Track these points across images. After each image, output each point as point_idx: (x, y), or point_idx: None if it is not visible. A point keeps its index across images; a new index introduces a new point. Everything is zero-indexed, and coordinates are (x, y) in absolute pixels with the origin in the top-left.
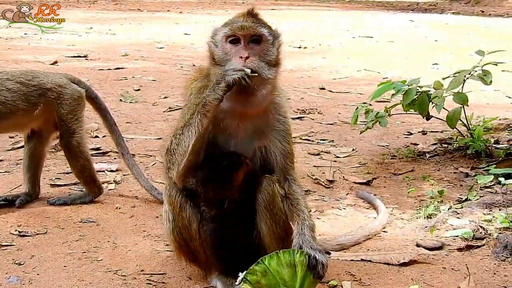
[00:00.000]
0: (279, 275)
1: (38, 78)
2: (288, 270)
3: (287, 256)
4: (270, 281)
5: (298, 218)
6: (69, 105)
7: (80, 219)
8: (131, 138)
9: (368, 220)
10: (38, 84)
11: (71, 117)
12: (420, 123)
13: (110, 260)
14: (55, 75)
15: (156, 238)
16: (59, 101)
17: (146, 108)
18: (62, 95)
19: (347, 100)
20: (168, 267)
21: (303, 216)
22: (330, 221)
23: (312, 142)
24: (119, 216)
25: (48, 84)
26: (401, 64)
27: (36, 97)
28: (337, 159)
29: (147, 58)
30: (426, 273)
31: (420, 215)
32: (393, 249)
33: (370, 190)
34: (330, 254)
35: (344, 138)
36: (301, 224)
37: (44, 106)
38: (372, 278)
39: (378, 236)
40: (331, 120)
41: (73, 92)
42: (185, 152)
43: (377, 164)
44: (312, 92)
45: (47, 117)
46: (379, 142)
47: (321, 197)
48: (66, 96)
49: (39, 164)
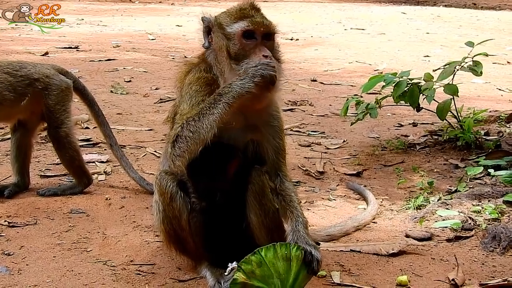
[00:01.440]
0: (274, 267)
1: (25, 68)
2: (283, 263)
3: (283, 250)
4: (264, 272)
5: (291, 215)
6: (57, 96)
7: (69, 210)
8: (122, 129)
9: (358, 211)
10: (25, 74)
11: (58, 107)
12: (410, 115)
13: (99, 250)
14: (43, 65)
15: (146, 228)
16: (46, 91)
17: (137, 100)
18: (50, 86)
19: (338, 92)
20: (157, 258)
21: (296, 213)
22: (320, 212)
23: (303, 134)
24: (109, 207)
25: (36, 75)
26: (392, 56)
27: (23, 87)
28: (328, 151)
29: (139, 50)
30: (415, 264)
31: (409, 206)
32: (382, 239)
33: (360, 181)
34: (319, 244)
35: (335, 129)
36: (295, 222)
37: (31, 96)
38: (361, 268)
39: (367, 227)
40: (322, 112)
41: (61, 83)
42: (201, 140)
43: (367, 155)
44: (303, 84)
45: (34, 108)
46: (370, 134)
47: (311, 188)
48: (54, 87)
49: (26, 155)
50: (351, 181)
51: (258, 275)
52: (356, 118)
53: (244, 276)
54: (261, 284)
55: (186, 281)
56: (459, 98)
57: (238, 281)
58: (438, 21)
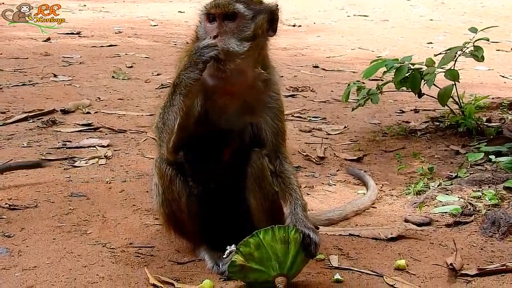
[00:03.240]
0: (272, 250)
1: None
2: (281, 246)
3: (282, 232)
4: (262, 254)
5: (290, 198)
6: None
7: (70, 193)
8: (122, 114)
9: (357, 196)
10: None
11: None
12: (412, 101)
13: (99, 233)
14: None
15: (146, 212)
16: None
17: (139, 85)
18: None
19: (340, 78)
20: (156, 241)
21: (295, 195)
22: (320, 197)
23: (304, 120)
24: (109, 190)
25: None
26: (395, 43)
27: None
28: (329, 136)
29: (141, 36)
30: (413, 248)
31: (409, 191)
32: (381, 224)
33: (360, 167)
34: (318, 229)
35: (336, 115)
36: (293, 204)
37: None
38: (360, 252)
39: (367, 212)
40: (324, 98)
41: None
42: (171, 131)
43: (368, 141)
44: (305, 70)
45: None
46: (371, 120)
47: (312, 173)
48: None
49: None
50: (351, 167)
51: (256, 258)
52: (357, 104)
53: (242, 259)
54: (259, 266)
55: (184, 263)
56: (462, 84)
57: (236, 263)
58: (442, 8)
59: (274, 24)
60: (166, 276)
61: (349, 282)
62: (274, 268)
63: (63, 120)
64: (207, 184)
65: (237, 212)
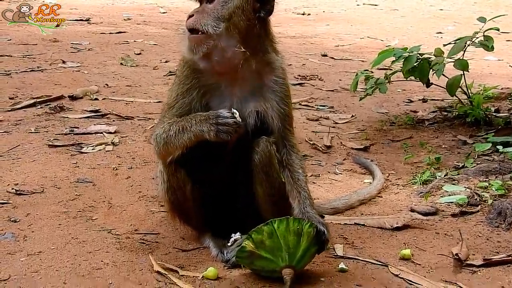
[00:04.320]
0: (284, 240)
1: None
2: (294, 237)
3: (296, 224)
4: (274, 243)
5: (299, 196)
6: None
7: (76, 179)
8: (130, 101)
9: (363, 185)
10: None
11: None
12: (420, 91)
13: (104, 219)
14: None
15: (151, 199)
16: None
17: (147, 72)
18: None
19: (348, 67)
20: (162, 227)
21: (304, 194)
22: (325, 186)
23: (312, 108)
24: (116, 177)
25: None
26: (404, 32)
27: None
28: (336, 125)
29: (149, 23)
30: (418, 238)
31: (415, 181)
32: (387, 214)
33: (367, 156)
34: (324, 217)
35: (344, 104)
36: (302, 204)
37: None
38: (365, 241)
39: (372, 201)
40: (332, 86)
41: None
42: (172, 153)
43: (375, 130)
44: (314, 58)
45: None
46: (379, 109)
47: (318, 162)
48: None
49: None
50: (358, 156)
51: (267, 246)
52: (365, 93)
53: (252, 245)
54: (268, 255)
55: (189, 250)
56: (471, 74)
57: (246, 249)
58: None
59: (267, 4)
60: (170, 263)
61: (353, 272)
62: (284, 259)
63: (71, 106)
64: (211, 173)
65: (242, 201)
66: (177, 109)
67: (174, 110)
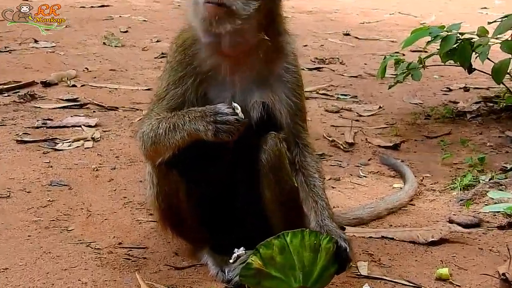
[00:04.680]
0: (298, 257)
1: None
2: (310, 254)
3: (313, 238)
4: (286, 260)
5: (316, 207)
6: None
7: (49, 182)
8: (114, 88)
9: (392, 190)
10: None
11: None
12: (462, 77)
13: (82, 230)
14: None
15: (138, 206)
16: None
17: (135, 54)
18: None
19: (375, 48)
20: (151, 240)
21: (322, 203)
22: (347, 191)
23: (331, 98)
24: (96, 179)
25: None
26: (442, 7)
27: None
28: (360, 118)
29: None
30: (458, 254)
31: (455, 186)
32: (420, 225)
33: (397, 156)
34: (344, 229)
35: (370, 93)
36: (320, 215)
37: None
38: (394, 258)
39: (403, 210)
40: (355, 72)
41: None
42: (160, 155)
43: (407, 125)
44: (334, 38)
45: None
46: (411, 99)
47: (338, 163)
48: None
49: None
50: (386, 155)
51: (278, 263)
52: (395, 80)
53: (260, 262)
54: (279, 274)
55: (183, 268)
56: None
57: (253, 267)
58: None
59: None
60: (161, 283)
61: None
62: (297, 279)
63: (44, 94)
64: (209, 175)
65: (247, 209)
66: (168, 101)
67: (164, 102)
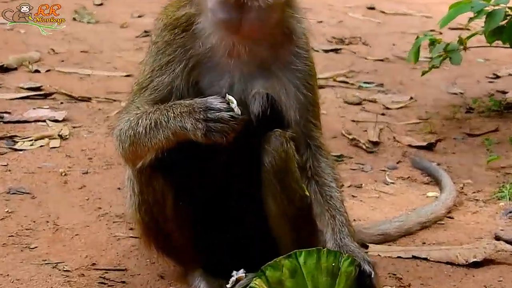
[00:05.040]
0: (313, 282)
1: None
2: (326, 278)
3: (331, 259)
4: (298, 285)
5: (333, 223)
6: None
7: (7, 189)
8: (87, 74)
9: (426, 200)
10: None
11: None
12: (511, 61)
13: (48, 248)
14: None
15: (117, 218)
16: None
17: (111, 32)
18: None
19: (406, 25)
20: (131, 261)
21: (340, 219)
22: (370, 201)
23: (352, 86)
24: (65, 186)
25: None
26: None
27: None
28: (387, 112)
29: None
30: (506, 278)
31: (502, 195)
32: (460, 242)
33: (432, 157)
34: (367, 248)
35: (399, 81)
36: (338, 233)
37: None
38: (427, 283)
39: (439, 224)
40: (381, 54)
41: None
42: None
43: (444, 119)
44: (355, 13)
45: None
46: (450, 88)
47: (360, 166)
48: None
49: None
50: (419, 157)
51: None
52: (430, 65)
53: (265, 286)
54: None
55: None
56: None
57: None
58: None
59: None
60: None
61: None
62: None
63: (0, 82)
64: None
65: (247, 223)
66: (152, 91)
67: (147, 93)
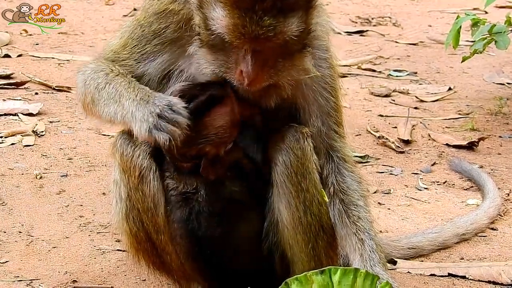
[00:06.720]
0: None
1: None
2: None
3: (368, 282)
4: None
5: (362, 247)
6: None
7: None
8: (66, 59)
9: (465, 208)
10: None
11: None
12: None
13: (21, 263)
14: None
15: (101, 228)
16: None
17: (95, 10)
18: None
19: (444, 3)
20: (118, 278)
21: (370, 244)
22: (400, 209)
23: (379, 75)
24: (40, 190)
25: None
26: None
27: None
28: (421, 105)
29: None
30: None
31: None
32: (505, 258)
33: (473, 159)
34: (395, 263)
35: (436, 68)
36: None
37: None
38: None
39: (480, 236)
40: (415, 37)
41: None
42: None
43: (488, 115)
44: None
45: None
46: (495, 78)
47: (388, 169)
48: None
49: None
50: (457, 158)
51: None
52: (472, 50)
53: None
54: None
55: None
56: None
57: None
58: None
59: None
60: None
61: None
62: None
63: None
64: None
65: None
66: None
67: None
